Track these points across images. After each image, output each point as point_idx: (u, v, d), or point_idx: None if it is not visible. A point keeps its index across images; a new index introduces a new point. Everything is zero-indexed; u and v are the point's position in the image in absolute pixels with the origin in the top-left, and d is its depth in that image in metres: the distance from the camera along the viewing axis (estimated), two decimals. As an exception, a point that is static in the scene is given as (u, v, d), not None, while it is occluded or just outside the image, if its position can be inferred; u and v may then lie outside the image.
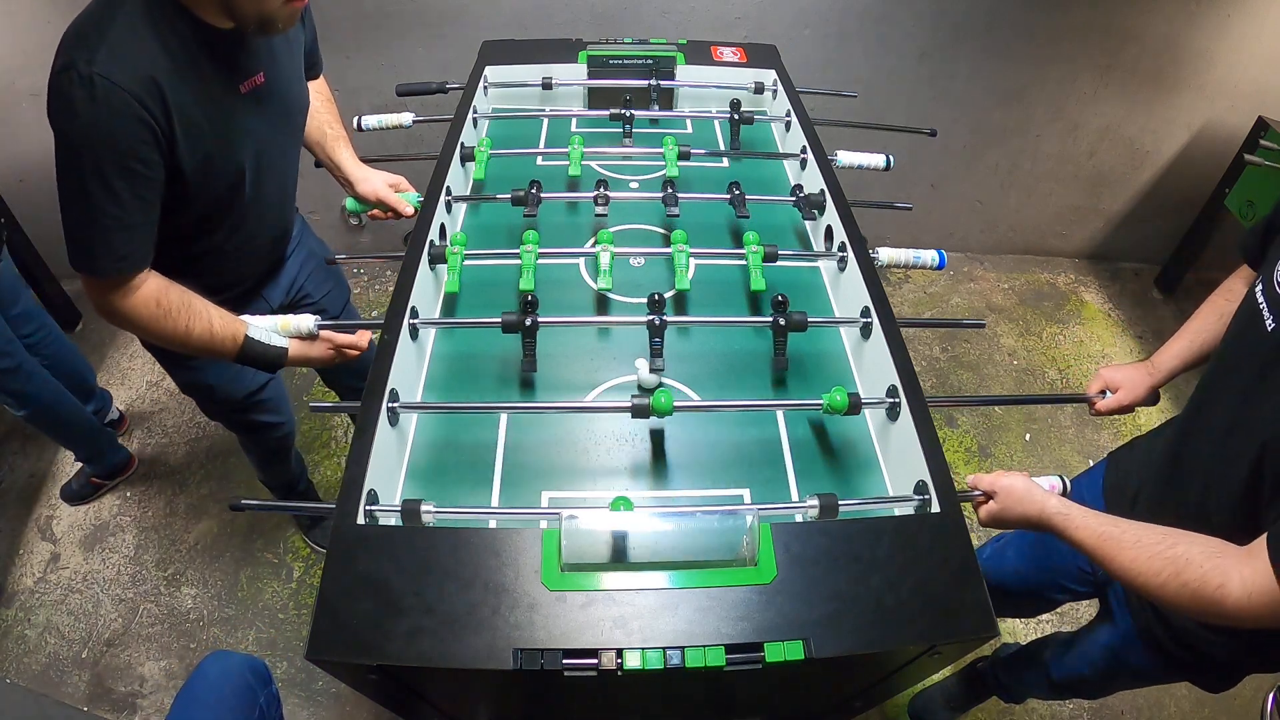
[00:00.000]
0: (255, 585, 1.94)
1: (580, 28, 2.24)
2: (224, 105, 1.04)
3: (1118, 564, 0.85)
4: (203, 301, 1.10)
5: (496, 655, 0.76)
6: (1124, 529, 0.86)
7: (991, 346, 2.70)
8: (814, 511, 0.92)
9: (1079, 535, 0.89)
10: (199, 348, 1.10)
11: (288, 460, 1.76)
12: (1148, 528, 0.85)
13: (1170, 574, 0.80)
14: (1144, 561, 0.82)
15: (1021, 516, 0.94)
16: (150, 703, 1.74)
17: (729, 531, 0.88)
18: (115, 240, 0.97)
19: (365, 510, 0.88)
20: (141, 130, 0.92)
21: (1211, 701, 1.86)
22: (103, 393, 2.15)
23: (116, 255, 0.98)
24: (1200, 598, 0.78)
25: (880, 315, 1.14)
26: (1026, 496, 0.94)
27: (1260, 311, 0.87)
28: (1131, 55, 2.43)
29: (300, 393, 2.37)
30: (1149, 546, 0.83)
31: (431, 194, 1.34)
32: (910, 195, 2.79)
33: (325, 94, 1.45)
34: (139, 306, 1.03)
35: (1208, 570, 0.78)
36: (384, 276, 2.82)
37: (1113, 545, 0.85)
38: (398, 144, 2.40)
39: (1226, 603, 0.77)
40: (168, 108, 0.94)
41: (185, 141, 0.98)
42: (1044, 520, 0.92)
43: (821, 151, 1.49)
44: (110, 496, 2.12)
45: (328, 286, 1.51)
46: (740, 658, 0.78)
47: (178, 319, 1.06)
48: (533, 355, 1.15)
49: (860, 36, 2.35)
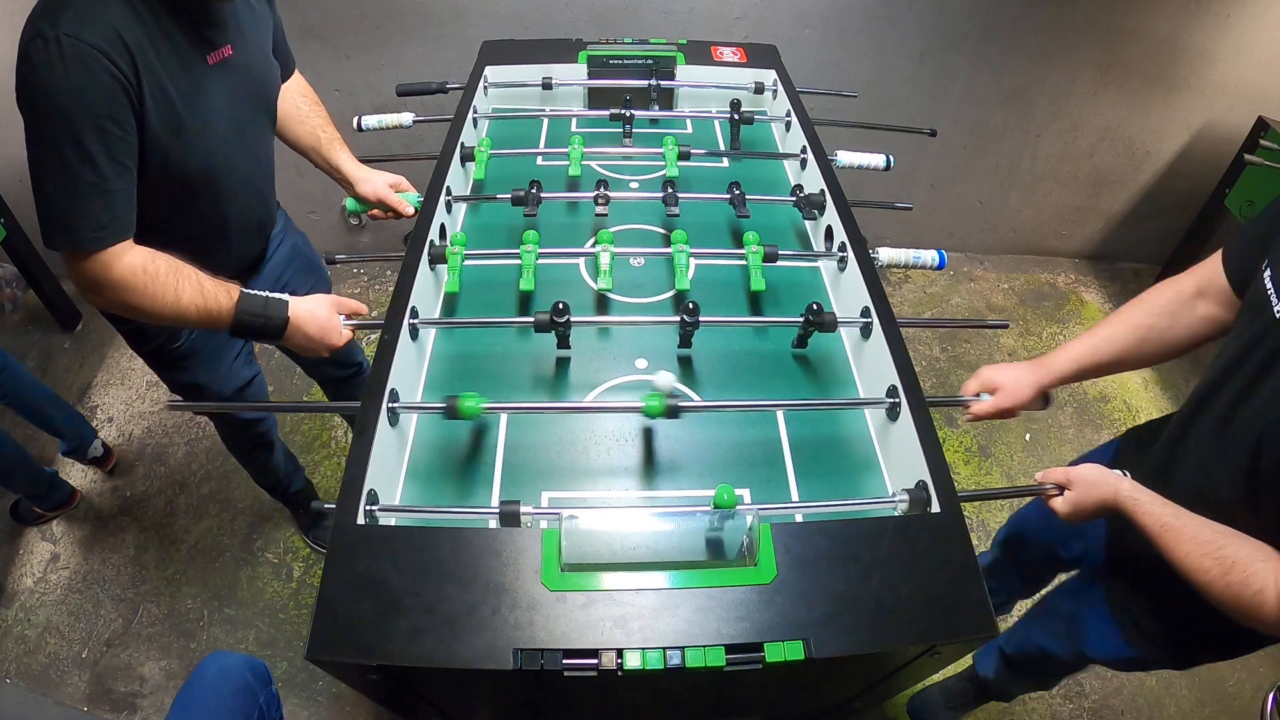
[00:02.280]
0: (255, 585, 1.94)
1: (580, 28, 2.24)
2: (193, 74, 1.02)
3: (1174, 555, 0.87)
4: (191, 267, 1.06)
5: (496, 655, 0.76)
6: (1185, 522, 0.88)
7: (991, 347, 2.70)
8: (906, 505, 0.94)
9: (1145, 521, 0.90)
10: (194, 315, 1.05)
11: (271, 456, 1.75)
12: (1205, 524, 0.87)
13: (1217, 573, 0.83)
14: (1196, 558, 0.85)
15: (1099, 500, 0.95)
16: (150, 703, 1.74)
17: (729, 531, 0.88)
18: (94, 208, 0.94)
19: (365, 510, 0.88)
20: (113, 87, 0.90)
21: (1212, 701, 1.86)
22: (80, 430, 2.05)
23: (97, 224, 0.95)
24: (1240, 601, 0.81)
25: (880, 315, 1.14)
26: (1101, 480, 0.95)
27: (1269, 299, 0.87)
28: (1131, 55, 2.43)
29: (300, 393, 2.37)
30: (1203, 544, 0.85)
31: (431, 194, 1.34)
32: (910, 195, 2.79)
33: (312, 97, 1.45)
34: (126, 276, 0.99)
35: (1249, 575, 0.81)
36: (384, 276, 2.82)
37: (1173, 536, 0.87)
38: (398, 144, 2.40)
39: (1264, 609, 0.80)
40: (137, 68, 0.93)
41: (155, 108, 0.96)
42: (1118, 502, 0.93)
43: (821, 151, 1.49)
44: (110, 496, 2.12)
45: (311, 281, 1.51)
46: (740, 658, 0.78)
47: (167, 285, 1.02)
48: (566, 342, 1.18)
49: (860, 36, 2.35)
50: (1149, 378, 2.61)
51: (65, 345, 2.54)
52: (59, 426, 2.00)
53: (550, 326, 1.12)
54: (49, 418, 1.98)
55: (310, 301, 1.15)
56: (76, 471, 2.16)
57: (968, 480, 2.27)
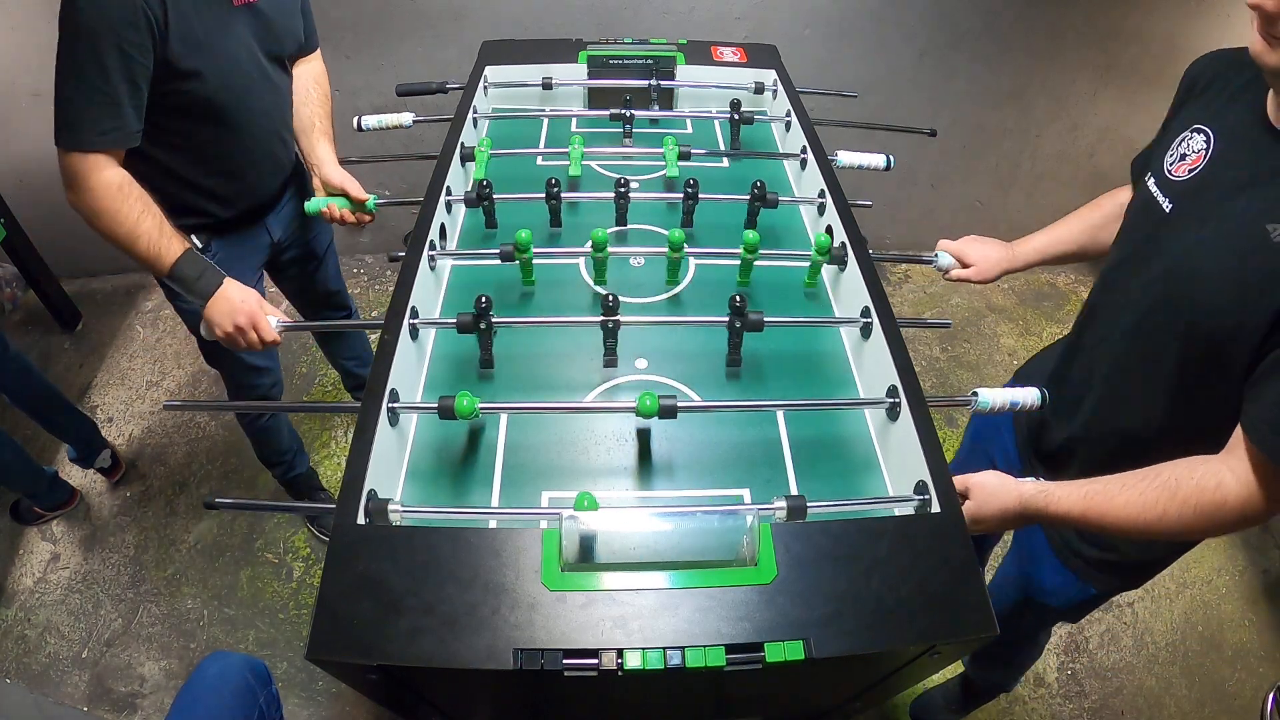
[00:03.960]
0: (255, 585, 1.94)
1: (580, 28, 2.24)
2: (218, 12, 1.17)
3: (1113, 517, 0.85)
4: (161, 213, 1.20)
5: (496, 655, 0.76)
6: (1106, 482, 0.87)
7: (991, 346, 2.70)
8: (782, 513, 0.91)
9: (1063, 508, 0.89)
10: (144, 246, 1.17)
11: (275, 419, 1.78)
12: (1129, 473, 0.86)
13: (1167, 500, 0.81)
14: (1137, 502, 0.83)
15: (1000, 510, 0.93)
16: (150, 703, 1.74)
17: (729, 531, 0.88)
18: (101, 114, 1.08)
19: (365, 510, 0.88)
20: (136, 15, 1.04)
21: (1212, 701, 1.86)
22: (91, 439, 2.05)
23: (99, 129, 1.09)
24: (1202, 509, 0.79)
25: (880, 315, 1.14)
26: (1000, 488, 0.94)
27: (1155, 199, 0.94)
28: (1131, 55, 2.43)
29: (300, 393, 2.37)
30: (1136, 485, 0.84)
31: (431, 194, 1.34)
32: (910, 195, 2.80)
33: (324, 87, 1.55)
34: (103, 185, 1.13)
35: (1199, 478, 0.79)
36: (384, 276, 2.82)
37: (1102, 500, 0.86)
38: (398, 144, 2.40)
39: (1229, 502, 0.78)
40: (165, 4, 1.07)
41: (178, 39, 1.11)
42: (1023, 507, 0.92)
43: (821, 151, 1.49)
44: (110, 496, 2.12)
45: (316, 229, 1.67)
46: (740, 658, 0.78)
47: (132, 209, 1.15)
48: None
49: (860, 36, 2.35)
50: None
51: (65, 345, 2.54)
52: (71, 434, 2.01)
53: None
54: (61, 425, 1.98)
55: (242, 287, 1.28)
56: (77, 472, 2.16)
57: (968, 480, 2.27)
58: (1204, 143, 0.91)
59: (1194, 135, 0.93)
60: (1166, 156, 0.97)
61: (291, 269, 1.68)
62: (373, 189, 1.50)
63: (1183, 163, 0.93)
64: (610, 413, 1.11)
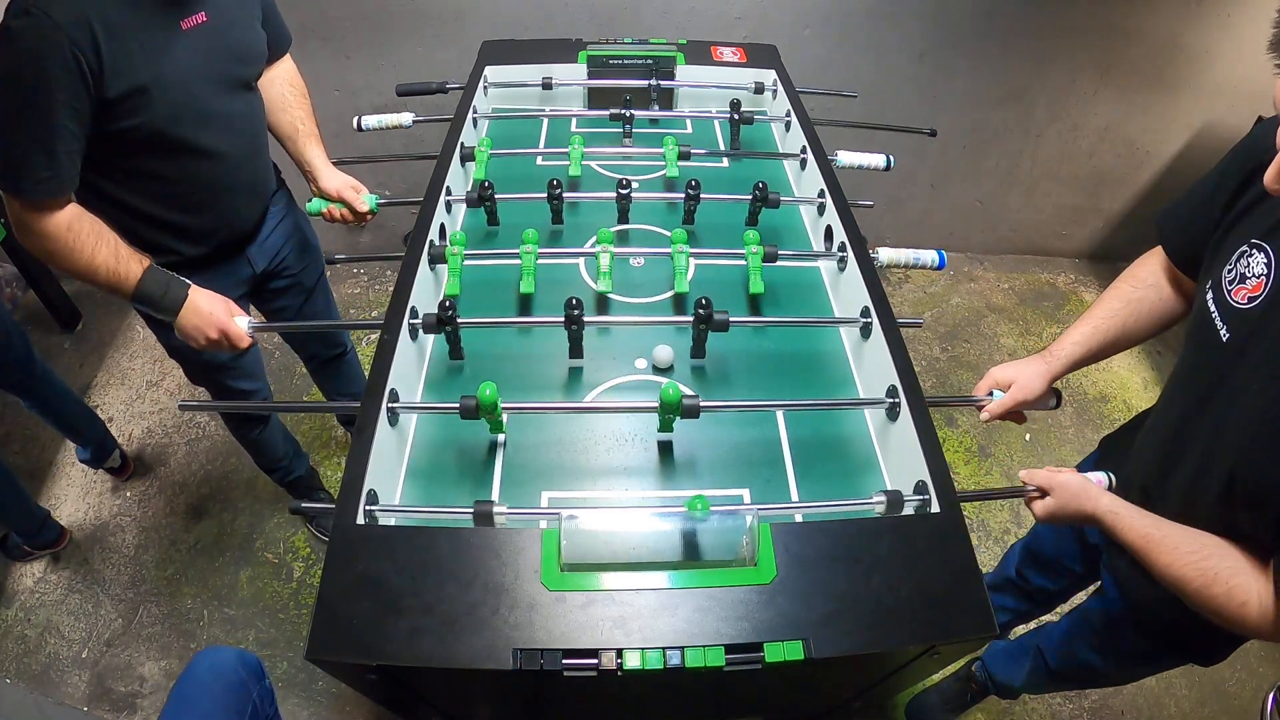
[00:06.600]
0: (255, 585, 1.94)
1: (580, 28, 2.24)
2: (162, 39, 1.10)
3: (1157, 565, 0.89)
4: (114, 234, 1.15)
5: (496, 655, 0.76)
6: (1165, 532, 0.89)
7: (991, 347, 2.70)
8: (881, 507, 0.95)
9: (1127, 536, 0.92)
10: (104, 274, 1.13)
11: (265, 430, 1.75)
12: (1186, 533, 0.89)
13: (1201, 584, 0.85)
14: (1178, 569, 0.87)
15: (1076, 512, 0.95)
16: (150, 703, 1.74)
17: (729, 531, 0.88)
18: (38, 163, 1.04)
19: (365, 510, 0.88)
20: (69, 64, 1.00)
21: (1212, 701, 1.86)
22: (104, 439, 2.05)
23: (36, 178, 1.05)
24: (1225, 613, 0.84)
25: (880, 315, 1.14)
26: (1082, 493, 0.95)
27: (1213, 322, 0.88)
28: (1131, 55, 2.43)
29: (301, 393, 2.37)
30: (1185, 554, 0.87)
31: (431, 194, 1.34)
32: (910, 195, 2.80)
33: (299, 87, 1.48)
34: (51, 229, 1.09)
35: (1232, 588, 0.83)
36: (384, 276, 2.82)
37: (1155, 548, 0.89)
38: (398, 144, 2.40)
39: (1249, 621, 0.82)
40: (98, 45, 1.02)
41: (115, 75, 1.05)
42: (1096, 517, 0.94)
43: (821, 151, 1.49)
44: (110, 496, 2.12)
45: (306, 261, 1.58)
46: (740, 658, 0.78)
47: (85, 244, 1.11)
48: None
49: (860, 36, 2.35)
50: (1149, 378, 2.61)
51: (65, 345, 2.54)
52: (85, 436, 2.02)
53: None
54: (79, 428, 1.99)
55: (209, 295, 1.22)
56: (78, 472, 2.16)
57: (968, 480, 2.27)
58: (1264, 265, 0.83)
59: (1254, 254, 0.85)
60: (1225, 272, 0.88)
61: (278, 300, 1.58)
62: (373, 189, 1.50)
63: (1243, 286, 0.85)
64: (611, 413, 1.11)
